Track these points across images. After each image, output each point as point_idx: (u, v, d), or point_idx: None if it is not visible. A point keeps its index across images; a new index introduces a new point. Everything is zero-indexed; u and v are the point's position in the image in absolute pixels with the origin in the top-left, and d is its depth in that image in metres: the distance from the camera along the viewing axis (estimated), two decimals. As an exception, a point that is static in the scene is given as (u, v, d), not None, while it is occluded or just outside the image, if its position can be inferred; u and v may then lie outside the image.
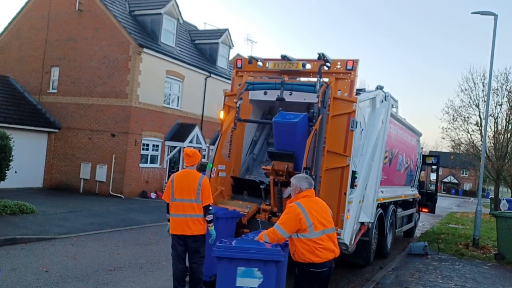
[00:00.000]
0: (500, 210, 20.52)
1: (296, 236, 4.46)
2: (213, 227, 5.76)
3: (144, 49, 18.29)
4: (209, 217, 5.71)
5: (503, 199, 24.13)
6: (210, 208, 5.74)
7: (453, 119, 27.47)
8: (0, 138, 11.89)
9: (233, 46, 25.51)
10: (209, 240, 5.74)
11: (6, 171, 12.37)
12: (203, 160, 22.34)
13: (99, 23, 19.00)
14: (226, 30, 24.89)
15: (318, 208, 4.59)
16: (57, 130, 19.49)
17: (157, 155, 20.00)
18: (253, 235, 5.32)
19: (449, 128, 27.86)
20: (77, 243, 9.37)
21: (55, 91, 20.02)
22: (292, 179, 4.81)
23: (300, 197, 4.63)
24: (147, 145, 19.33)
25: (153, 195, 19.12)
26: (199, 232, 5.69)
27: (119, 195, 17.95)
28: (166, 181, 20.31)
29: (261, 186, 7.52)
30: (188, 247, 5.73)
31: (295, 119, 6.85)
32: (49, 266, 7.38)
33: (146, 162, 19.39)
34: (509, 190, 39.33)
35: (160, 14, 20.15)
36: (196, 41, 24.65)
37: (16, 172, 15.23)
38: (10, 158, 12.38)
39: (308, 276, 4.48)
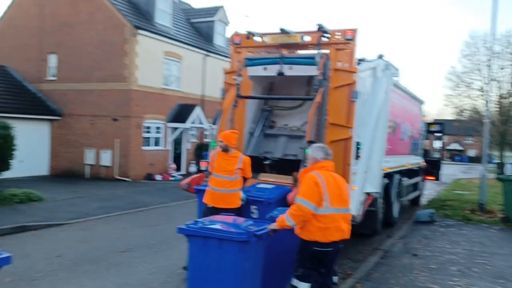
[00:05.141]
0: (506, 174, 20.52)
1: None
2: None
3: (140, 31, 18.06)
4: None
5: (507, 163, 24.10)
6: None
7: (456, 86, 27.29)
8: (2, 128, 11.89)
9: (229, 23, 25.17)
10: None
11: (10, 161, 12.42)
12: (205, 140, 22.35)
13: (93, 6, 18.71)
14: (221, 6, 24.49)
15: (335, 184, 4.20)
16: (59, 118, 19.49)
17: (160, 137, 20.02)
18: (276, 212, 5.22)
19: (452, 95, 27.73)
20: (86, 227, 9.48)
21: (54, 78, 19.92)
22: (309, 149, 4.50)
23: (316, 168, 4.26)
24: (149, 127, 19.33)
25: (158, 177, 19.23)
26: None
27: (125, 178, 18.07)
28: (171, 162, 20.39)
29: (264, 162, 7.52)
30: None
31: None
32: (60, 251, 7.49)
33: (150, 145, 19.43)
34: (514, 154, 39.36)
35: (154, -7, 19.80)
36: (192, 20, 24.29)
37: (21, 161, 15.30)
38: (13, 148, 12.41)
39: (311, 255, 4.15)
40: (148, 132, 19.26)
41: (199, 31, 23.96)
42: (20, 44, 20.53)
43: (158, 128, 19.84)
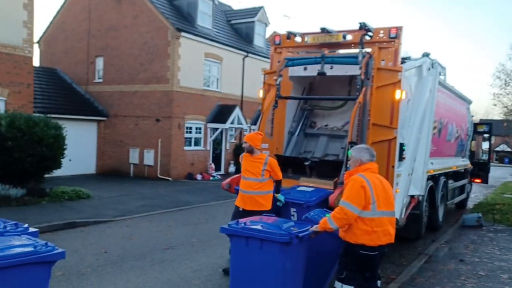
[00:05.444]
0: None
1: None
2: None
3: (182, 33, 18.46)
4: None
5: None
6: None
7: (505, 84, 25.97)
8: (53, 128, 12.47)
9: (269, 23, 25.19)
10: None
11: (62, 159, 13.02)
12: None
13: (137, 10, 19.32)
14: (261, 7, 24.56)
15: (381, 186, 4.11)
16: (105, 118, 20.24)
17: (201, 138, 20.36)
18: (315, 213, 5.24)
19: (501, 94, 26.41)
20: (131, 224, 9.79)
21: (100, 80, 20.72)
22: (351, 150, 4.41)
23: (361, 170, 4.17)
24: (190, 128, 19.71)
25: (199, 177, 19.56)
26: None
27: (167, 178, 18.52)
28: (210, 162, 20.68)
29: (305, 163, 7.48)
30: None
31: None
32: (107, 247, 7.78)
33: (191, 145, 19.81)
34: None
35: (195, -4, 20.17)
36: (232, 21, 24.53)
37: (70, 160, 16.00)
38: (64, 147, 13.00)
39: (357, 258, 4.10)
40: (189, 132, 19.65)
41: (239, 32, 24.16)
42: (69, 48, 21.51)
43: (198, 128, 20.19)
